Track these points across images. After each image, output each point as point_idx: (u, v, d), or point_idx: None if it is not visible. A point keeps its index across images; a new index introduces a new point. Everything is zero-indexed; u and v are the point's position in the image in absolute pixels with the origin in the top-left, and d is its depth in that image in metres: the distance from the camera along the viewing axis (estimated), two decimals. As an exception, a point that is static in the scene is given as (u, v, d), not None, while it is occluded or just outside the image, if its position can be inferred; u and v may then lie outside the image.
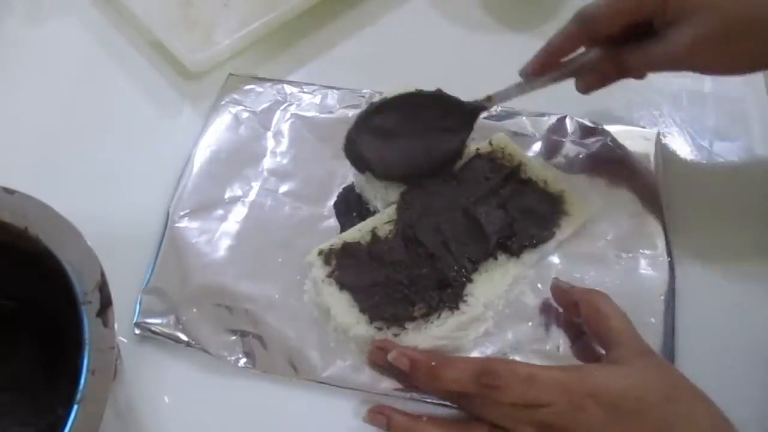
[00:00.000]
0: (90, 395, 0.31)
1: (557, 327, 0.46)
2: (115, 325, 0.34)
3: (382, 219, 0.48)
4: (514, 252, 0.47)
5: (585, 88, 0.50)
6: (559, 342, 0.45)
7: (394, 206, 0.49)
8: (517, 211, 0.49)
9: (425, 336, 0.43)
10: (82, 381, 0.31)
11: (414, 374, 0.41)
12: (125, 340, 0.45)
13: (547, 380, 0.38)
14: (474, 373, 0.39)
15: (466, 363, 0.40)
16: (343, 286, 0.45)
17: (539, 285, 0.47)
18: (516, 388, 0.38)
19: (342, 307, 0.44)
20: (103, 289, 0.34)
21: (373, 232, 0.47)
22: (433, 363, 0.41)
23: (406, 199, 0.49)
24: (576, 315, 0.44)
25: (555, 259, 0.48)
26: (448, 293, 0.45)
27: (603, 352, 0.42)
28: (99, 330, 0.33)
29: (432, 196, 0.49)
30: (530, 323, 0.46)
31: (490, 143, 0.52)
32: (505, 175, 0.50)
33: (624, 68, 0.48)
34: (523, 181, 0.50)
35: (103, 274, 0.34)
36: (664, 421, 0.37)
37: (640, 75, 0.49)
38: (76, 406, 0.31)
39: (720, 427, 0.37)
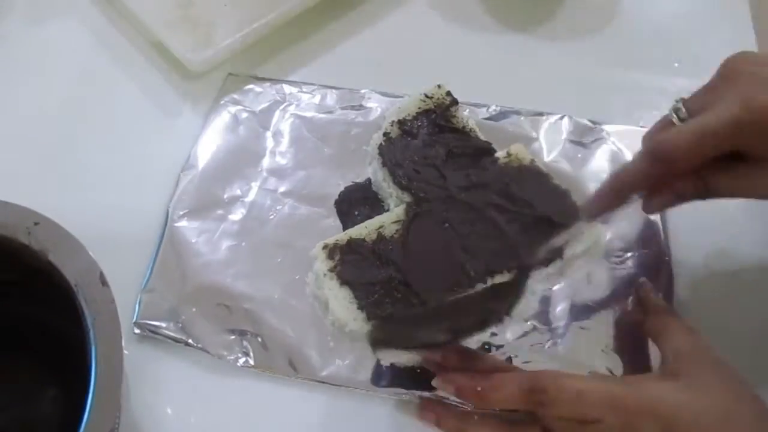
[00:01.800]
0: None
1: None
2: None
3: (390, 218, 0.48)
4: None
5: (654, 210, 0.46)
6: (558, 341, 0.45)
7: (403, 206, 0.49)
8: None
9: None
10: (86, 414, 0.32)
11: (462, 398, 0.40)
12: (126, 352, 0.45)
13: (597, 396, 0.37)
14: (522, 392, 0.38)
15: (513, 382, 0.38)
16: (343, 281, 0.45)
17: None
18: (565, 405, 0.37)
19: (341, 303, 0.44)
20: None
21: (380, 231, 0.47)
22: (479, 388, 0.39)
23: (417, 200, 0.49)
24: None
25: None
26: None
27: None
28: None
29: (445, 201, 0.49)
30: (528, 322, 0.46)
31: (509, 153, 0.51)
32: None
33: (706, 191, 0.42)
34: None
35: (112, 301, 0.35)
36: None
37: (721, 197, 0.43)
38: None
39: None
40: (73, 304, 0.34)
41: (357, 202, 0.51)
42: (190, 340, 0.45)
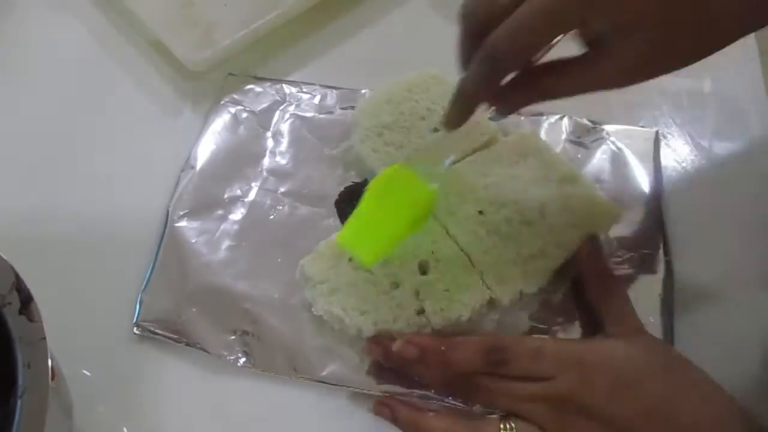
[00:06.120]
0: (31, 387, 0.31)
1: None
2: (42, 319, 0.33)
3: None
4: None
5: (505, 113, 0.47)
6: (557, 334, 0.45)
7: None
8: None
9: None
10: (20, 376, 0.31)
11: (424, 360, 0.42)
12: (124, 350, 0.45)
13: (555, 352, 0.40)
14: (483, 351, 0.41)
15: (475, 342, 0.42)
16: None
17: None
18: (524, 361, 0.40)
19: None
20: (20, 287, 0.34)
21: None
22: (443, 347, 0.41)
23: None
24: (587, 281, 0.46)
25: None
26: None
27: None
28: (25, 326, 0.33)
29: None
30: (528, 321, 0.46)
31: None
32: None
33: (546, 92, 0.40)
34: None
35: (16, 274, 0.34)
36: (665, 389, 0.38)
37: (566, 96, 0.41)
38: (19, 401, 0.31)
39: (719, 395, 0.38)
40: None
41: (357, 202, 0.51)
42: (190, 340, 0.45)
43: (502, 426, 0.39)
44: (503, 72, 0.39)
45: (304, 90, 0.57)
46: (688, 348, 0.45)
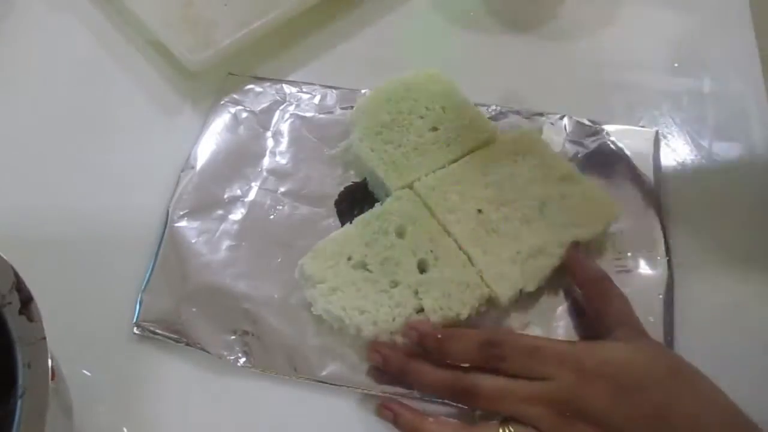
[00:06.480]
0: (31, 387, 0.31)
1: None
2: (43, 320, 0.33)
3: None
4: None
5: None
6: (558, 333, 0.45)
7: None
8: None
9: None
10: (20, 376, 0.31)
11: (422, 345, 0.42)
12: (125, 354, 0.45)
13: (553, 352, 0.40)
14: (479, 344, 0.41)
15: (472, 334, 0.42)
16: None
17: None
18: (521, 358, 0.40)
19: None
20: (20, 287, 0.34)
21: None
22: (439, 335, 0.42)
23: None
24: (581, 289, 0.46)
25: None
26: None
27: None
28: (25, 326, 0.33)
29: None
30: (527, 322, 0.46)
31: None
32: None
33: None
34: None
35: (16, 274, 0.34)
36: (668, 394, 0.37)
37: None
38: (19, 401, 0.31)
39: (722, 401, 0.38)
40: None
41: (357, 202, 0.51)
42: (190, 340, 0.45)
43: (501, 430, 0.39)
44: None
45: (304, 90, 0.57)
46: (688, 348, 0.45)
